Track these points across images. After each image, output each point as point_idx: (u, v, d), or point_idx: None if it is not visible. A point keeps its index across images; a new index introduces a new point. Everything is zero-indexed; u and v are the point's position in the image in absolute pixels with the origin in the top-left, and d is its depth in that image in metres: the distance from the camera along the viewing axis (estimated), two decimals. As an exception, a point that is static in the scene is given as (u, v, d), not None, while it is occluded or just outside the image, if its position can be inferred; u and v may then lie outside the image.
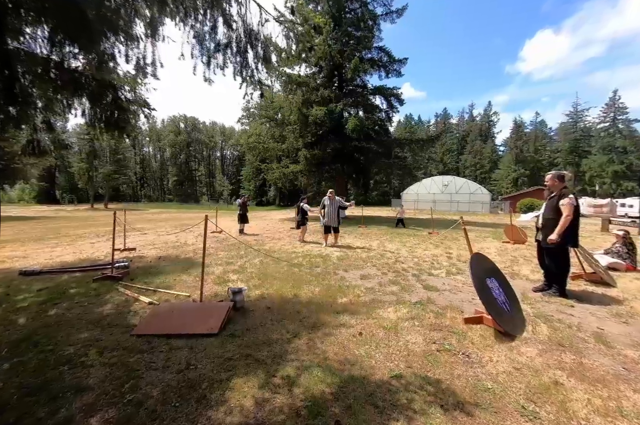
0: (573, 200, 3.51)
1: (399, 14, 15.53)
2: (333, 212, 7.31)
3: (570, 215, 3.45)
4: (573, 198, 3.53)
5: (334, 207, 7.35)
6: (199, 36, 3.23)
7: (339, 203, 7.40)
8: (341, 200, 7.60)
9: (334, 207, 7.35)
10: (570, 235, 3.54)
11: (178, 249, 6.78)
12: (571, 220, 3.48)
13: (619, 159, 37.81)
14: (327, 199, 7.43)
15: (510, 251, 6.91)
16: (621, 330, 2.83)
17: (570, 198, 3.52)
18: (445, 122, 67.77)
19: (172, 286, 4.00)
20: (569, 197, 3.53)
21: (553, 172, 3.87)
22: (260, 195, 53.00)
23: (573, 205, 3.48)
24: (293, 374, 2.01)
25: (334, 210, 7.32)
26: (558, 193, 3.67)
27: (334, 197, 7.43)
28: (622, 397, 1.85)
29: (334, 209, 7.33)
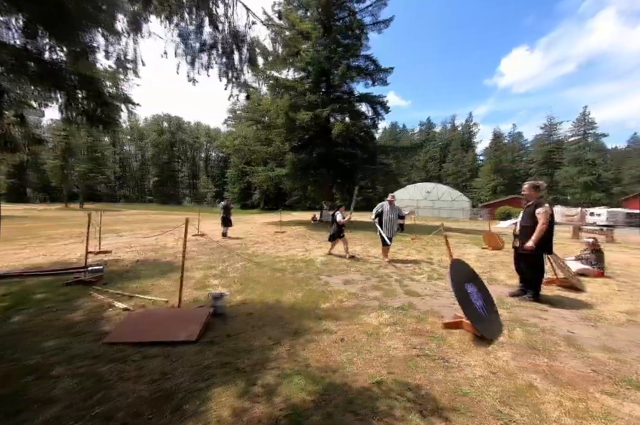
0: (548, 209, 3.68)
1: (386, 25, 15.97)
2: (394, 221, 6.13)
3: (545, 224, 3.62)
4: (548, 207, 3.70)
5: (395, 215, 6.15)
6: (183, 35, 3.18)
7: (397, 211, 6.21)
8: (399, 207, 6.40)
9: (394, 215, 6.14)
10: (545, 242, 3.71)
11: (157, 252, 6.55)
12: (546, 229, 3.64)
13: (588, 170, 40.16)
14: (387, 205, 6.15)
15: (489, 257, 7.14)
16: (590, 333, 2.96)
17: (546, 207, 3.69)
18: (429, 131, 69.87)
19: (150, 291, 3.85)
20: (545, 206, 3.69)
21: (530, 182, 4.04)
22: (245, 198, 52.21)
23: (548, 214, 3.65)
24: (273, 383, 1.96)
25: (395, 219, 6.14)
26: (534, 202, 3.84)
27: (394, 202, 6.25)
28: (590, 398, 1.93)
29: (394, 217, 6.13)
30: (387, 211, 6.14)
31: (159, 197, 59.52)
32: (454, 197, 29.58)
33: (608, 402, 1.90)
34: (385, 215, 6.14)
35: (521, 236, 3.86)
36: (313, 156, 15.56)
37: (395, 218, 6.16)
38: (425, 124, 71.48)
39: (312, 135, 15.95)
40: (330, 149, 15.63)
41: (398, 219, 6.25)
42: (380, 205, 6.29)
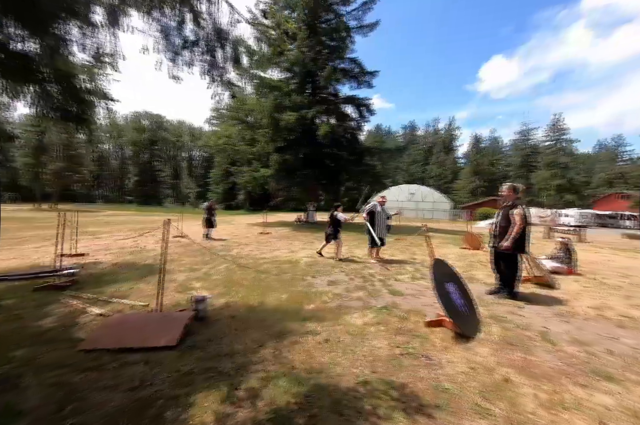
0: (523, 210, 3.84)
1: (371, 29, 16.22)
2: (385, 222, 6.30)
3: (520, 225, 3.77)
4: (523, 208, 3.87)
5: (385, 216, 6.33)
6: (165, 31, 3.08)
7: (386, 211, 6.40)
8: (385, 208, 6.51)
9: (385, 216, 6.33)
10: (520, 242, 3.87)
11: (136, 255, 6.32)
12: (521, 229, 3.80)
13: (561, 174, 42.44)
14: (378, 205, 6.26)
15: (468, 257, 7.37)
16: (563, 328, 3.11)
17: (521, 208, 3.85)
18: (413, 133, 71.45)
19: (128, 295, 3.70)
20: (520, 207, 3.86)
21: (509, 183, 4.20)
22: (229, 199, 51.32)
23: (523, 216, 3.81)
24: (258, 386, 1.94)
25: (385, 220, 6.31)
26: (511, 203, 4.00)
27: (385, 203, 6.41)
28: (564, 390, 2.03)
29: (385, 218, 6.31)
30: (379, 212, 6.18)
31: (140, 198, 57.40)
32: (436, 198, 30.38)
33: (579, 394, 2.00)
34: (377, 216, 6.17)
35: (498, 236, 4.01)
36: (298, 157, 15.54)
37: (385, 219, 6.32)
38: (409, 127, 73.16)
39: (298, 136, 15.93)
40: (316, 150, 15.66)
41: (386, 220, 6.37)
42: (372, 205, 6.28)
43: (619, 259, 7.98)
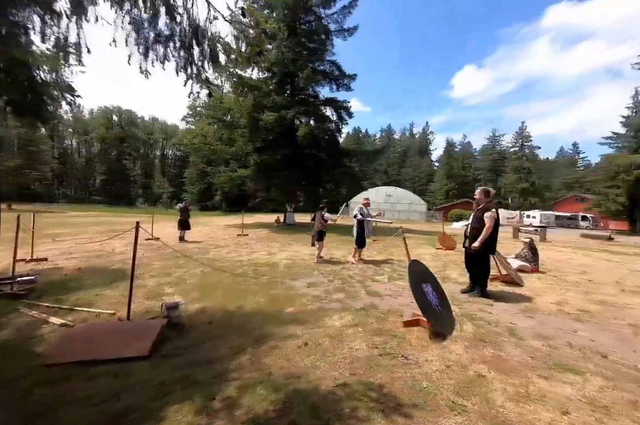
0: (494, 214, 4.03)
1: (350, 33, 16.42)
2: (371, 223, 6.53)
3: (491, 227, 3.96)
4: (494, 211, 4.06)
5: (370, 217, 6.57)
6: (136, 23, 2.94)
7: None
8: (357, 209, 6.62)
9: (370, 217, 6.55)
10: (490, 243, 4.06)
11: (103, 259, 5.94)
12: (491, 231, 3.99)
13: (525, 178, 45.37)
14: (364, 208, 6.46)
15: (442, 257, 7.65)
16: (528, 323, 3.31)
17: (492, 211, 4.04)
18: (389, 137, 73.26)
19: (94, 303, 3.46)
20: (491, 210, 4.04)
21: (481, 188, 4.39)
22: (205, 200, 49.73)
23: (494, 218, 4.01)
24: (235, 394, 1.88)
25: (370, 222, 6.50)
26: (483, 206, 4.19)
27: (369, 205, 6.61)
28: (529, 383, 2.15)
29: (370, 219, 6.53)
30: (366, 214, 6.41)
31: (108, 197, 54.00)
32: (412, 200, 31.31)
33: (543, 385, 2.13)
34: (366, 218, 6.41)
35: (470, 237, 4.20)
36: (277, 158, 15.38)
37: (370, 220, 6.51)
38: (385, 131, 74.85)
39: (277, 137, 15.77)
40: (295, 151, 15.59)
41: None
42: (359, 208, 6.44)
43: (577, 257, 8.63)
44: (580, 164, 61.62)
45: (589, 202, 31.46)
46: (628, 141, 26.57)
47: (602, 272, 6.45)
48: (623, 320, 3.55)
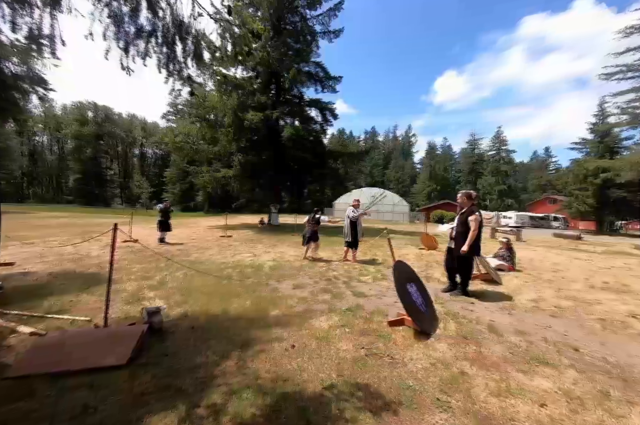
0: (478, 216, 4.11)
1: (336, 35, 16.54)
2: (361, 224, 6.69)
3: (476, 230, 4.04)
4: (479, 214, 4.13)
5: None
6: (116, 17, 2.81)
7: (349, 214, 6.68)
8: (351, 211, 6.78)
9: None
10: (475, 246, 4.16)
11: (77, 263, 5.64)
12: (477, 234, 4.08)
13: (502, 180, 47.41)
14: (355, 209, 6.68)
15: (425, 257, 7.82)
16: (506, 320, 3.44)
17: (476, 214, 4.10)
18: (374, 139, 74.31)
19: (67, 309, 3.27)
20: (475, 213, 4.11)
21: (464, 191, 4.44)
22: (187, 200, 48.40)
23: (478, 221, 4.08)
24: (220, 401, 1.83)
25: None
26: (467, 209, 4.26)
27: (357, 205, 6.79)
28: (509, 378, 2.23)
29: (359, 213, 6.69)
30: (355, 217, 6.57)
31: (82, 198, 51.26)
32: (396, 201, 31.88)
33: (522, 379, 2.22)
34: (359, 220, 6.59)
35: (456, 240, 4.27)
36: (262, 158, 15.22)
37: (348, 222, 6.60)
38: (370, 133, 75.90)
39: (261, 137, 15.61)
40: (280, 152, 15.50)
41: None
42: (351, 210, 6.66)
43: (550, 255, 9.08)
44: (552, 167, 64.96)
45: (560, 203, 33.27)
46: (595, 147, 28.32)
47: (573, 269, 6.82)
48: (592, 315, 3.77)
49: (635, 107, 16.85)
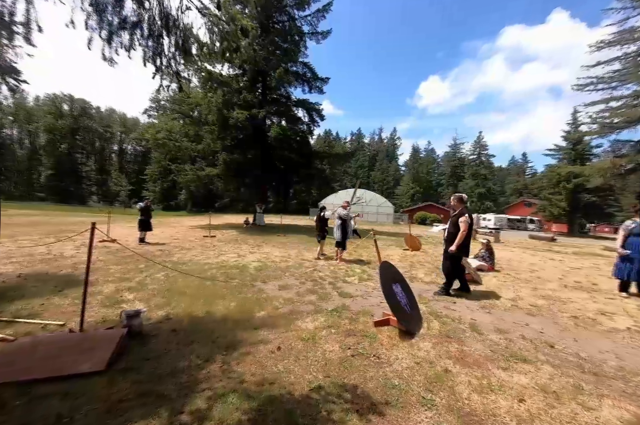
0: (468, 219, 4.27)
1: (324, 36, 16.57)
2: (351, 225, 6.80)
3: (465, 231, 4.20)
4: (468, 217, 4.29)
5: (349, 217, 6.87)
6: (98, 5, 2.69)
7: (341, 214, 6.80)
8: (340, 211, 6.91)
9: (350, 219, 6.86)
10: (464, 247, 4.30)
11: (50, 264, 5.33)
12: (465, 235, 4.22)
13: (482, 183, 49.16)
14: (344, 210, 6.83)
15: (409, 257, 7.97)
16: (487, 319, 3.56)
17: (466, 217, 4.26)
18: (359, 140, 75.02)
19: (39, 313, 3.09)
20: (465, 216, 4.27)
21: (456, 194, 4.58)
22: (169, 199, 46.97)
23: (467, 223, 4.24)
24: (204, 406, 1.77)
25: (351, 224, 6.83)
26: (458, 212, 4.40)
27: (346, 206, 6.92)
28: (490, 375, 2.30)
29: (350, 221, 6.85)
30: (345, 215, 6.76)
31: (55, 195, 48.55)
32: (380, 203, 32.28)
33: (502, 376, 2.29)
34: (348, 221, 6.74)
35: (448, 241, 4.41)
36: (248, 157, 15.02)
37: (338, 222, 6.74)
38: (355, 134, 76.56)
39: (247, 136, 15.41)
40: (266, 151, 15.35)
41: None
42: (341, 209, 6.82)
43: (526, 256, 9.48)
44: (528, 172, 67.98)
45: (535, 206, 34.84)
46: (568, 153, 29.91)
47: (548, 269, 7.15)
48: (566, 313, 3.96)
49: (604, 117, 17.90)
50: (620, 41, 16.74)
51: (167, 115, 22.54)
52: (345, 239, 6.67)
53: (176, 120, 17.67)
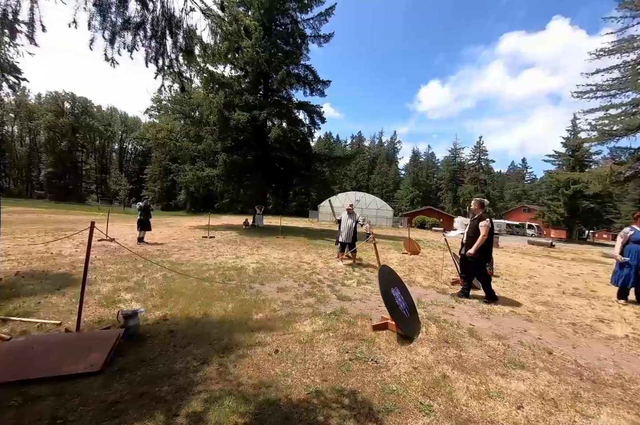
0: (488, 223, 4.26)
1: (326, 40, 16.68)
2: (350, 228, 6.68)
3: (485, 235, 4.20)
4: (488, 221, 4.29)
5: (352, 222, 6.73)
6: (101, 5, 2.70)
7: (356, 218, 6.79)
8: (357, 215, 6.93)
9: (351, 222, 6.73)
10: (485, 252, 4.29)
11: (47, 262, 5.30)
12: (486, 239, 4.22)
13: (481, 188, 49.36)
14: (345, 213, 6.87)
15: (408, 261, 7.96)
16: (485, 324, 3.55)
17: (487, 221, 4.27)
18: (360, 144, 75.31)
19: (35, 312, 3.06)
20: (485, 220, 4.27)
21: (476, 199, 4.60)
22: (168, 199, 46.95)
23: (488, 227, 4.24)
24: (200, 409, 1.75)
25: (351, 227, 6.68)
26: (478, 216, 4.41)
27: (352, 211, 6.86)
28: (488, 381, 2.29)
29: (351, 224, 6.70)
30: (345, 218, 6.81)
31: (55, 193, 48.40)
32: (380, 206, 32.35)
33: (500, 382, 2.28)
34: (343, 222, 6.79)
35: (467, 245, 4.40)
36: (248, 158, 15.03)
37: (351, 225, 6.69)
38: (356, 137, 76.88)
39: (248, 137, 15.43)
40: (266, 153, 15.38)
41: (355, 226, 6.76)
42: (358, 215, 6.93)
43: (525, 262, 9.49)
44: (527, 177, 68.32)
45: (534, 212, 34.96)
46: (567, 160, 30.08)
47: (546, 275, 7.15)
48: (564, 319, 3.96)
49: (604, 124, 18.04)
50: (619, 50, 16.92)
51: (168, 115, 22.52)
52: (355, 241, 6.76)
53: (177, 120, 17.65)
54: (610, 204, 31.24)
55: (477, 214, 4.50)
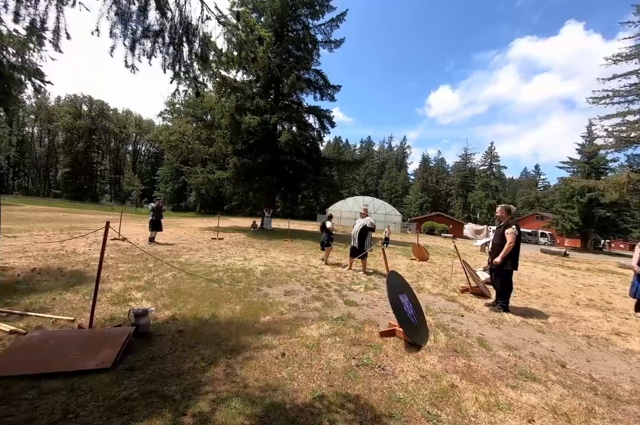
0: (515, 230, 4.12)
1: (337, 45, 16.87)
2: (357, 231, 6.32)
3: (512, 243, 4.07)
4: (515, 228, 4.14)
5: (359, 225, 6.34)
6: (123, 15, 2.82)
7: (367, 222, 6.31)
8: (370, 219, 6.43)
9: (358, 225, 6.36)
10: (512, 260, 4.16)
11: (62, 259, 5.46)
12: (513, 247, 4.09)
13: (492, 195, 48.55)
14: (360, 218, 6.56)
15: (416, 267, 7.87)
16: (495, 334, 3.47)
17: (513, 228, 4.13)
18: (369, 148, 75.35)
19: (50, 308, 3.15)
20: (512, 227, 4.14)
21: (503, 205, 4.46)
22: (179, 200, 47.75)
23: (515, 234, 4.10)
24: (207, 409, 1.77)
25: (358, 230, 6.29)
26: (504, 223, 4.29)
27: (366, 214, 6.53)
28: (498, 392, 2.23)
29: (358, 227, 6.33)
30: (357, 222, 6.49)
31: (70, 192, 49.94)
32: (388, 211, 32.16)
33: (510, 394, 2.22)
34: (355, 226, 6.49)
35: (493, 253, 4.29)
36: (257, 162, 15.22)
37: (358, 229, 6.26)
38: (365, 142, 77.03)
39: (258, 141, 15.64)
40: (276, 157, 15.53)
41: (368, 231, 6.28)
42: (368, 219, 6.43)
43: (538, 271, 9.25)
44: (540, 184, 66.91)
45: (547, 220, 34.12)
46: (582, 167, 29.36)
47: (559, 286, 6.96)
48: (578, 331, 3.83)
49: (620, 131, 17.59)
50: (637, 55, 16.55)
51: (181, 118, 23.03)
52: (363, 247, 6.23)
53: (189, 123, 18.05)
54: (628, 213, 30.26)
55: (503, 221, 4.37)
